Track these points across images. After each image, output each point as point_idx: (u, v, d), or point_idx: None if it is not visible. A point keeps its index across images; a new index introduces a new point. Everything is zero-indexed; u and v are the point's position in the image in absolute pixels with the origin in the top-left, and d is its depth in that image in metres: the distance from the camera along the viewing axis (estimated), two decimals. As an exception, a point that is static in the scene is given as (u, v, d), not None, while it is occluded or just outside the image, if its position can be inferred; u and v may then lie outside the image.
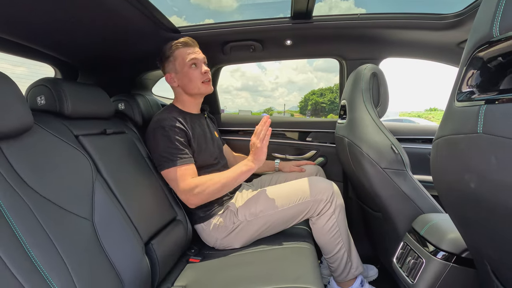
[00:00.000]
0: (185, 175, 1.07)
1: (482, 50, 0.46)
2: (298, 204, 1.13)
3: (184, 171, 1.07)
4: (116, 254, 0.76)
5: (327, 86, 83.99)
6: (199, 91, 1.20)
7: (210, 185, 1.07)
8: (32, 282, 0.55)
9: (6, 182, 0.62)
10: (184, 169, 1.08)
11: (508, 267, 0.51)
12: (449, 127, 0.54)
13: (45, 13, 0.88)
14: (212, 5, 33.62)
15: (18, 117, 0.66)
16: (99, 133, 0.96)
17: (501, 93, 0.43)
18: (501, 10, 0.42)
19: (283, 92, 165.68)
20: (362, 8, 49.05)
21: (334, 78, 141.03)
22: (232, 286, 0.88)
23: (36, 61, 1.36)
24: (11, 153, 0.66)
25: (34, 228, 0.61)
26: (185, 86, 1.19)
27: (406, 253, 0.92)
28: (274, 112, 58.82)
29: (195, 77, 1.17)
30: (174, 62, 1.18)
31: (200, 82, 1.19)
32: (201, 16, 32.40)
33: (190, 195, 1.07)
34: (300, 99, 78.99)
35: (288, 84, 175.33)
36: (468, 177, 0.49)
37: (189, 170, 1.09)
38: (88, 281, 0.65)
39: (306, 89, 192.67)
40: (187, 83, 1.18)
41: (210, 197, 1.10)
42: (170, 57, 1.18)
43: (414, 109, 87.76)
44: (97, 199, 0.79)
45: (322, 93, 63.27)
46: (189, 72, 1.17)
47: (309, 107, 63.47)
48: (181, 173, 1.07)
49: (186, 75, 1.17)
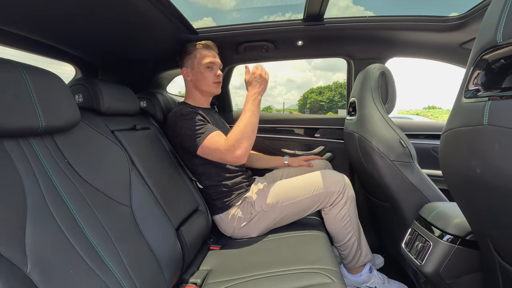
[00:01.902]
0: (220, 139, 1.14)
1: (487, 54, 0.54)
2: (312, 196, 1.21)
3: (216, 137, 1.15)
4: (153, 238, 0.84)
5: (326, 84, 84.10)
6: (209, 89, 1.32)
7: (242, 131, 1.10)
8: (90, 258, 0.63)
9: (63, 171, 0.69)
10: (215, 135, 1.16)
11: (509, 241, 0.59)
12: (457, 121, 0.61)
13: (69, 12, 0.93)
14: (210, 3, 32.69)
15: (69, 113, 0.74)
16: (130, 128, 1.03)
17: (504, 91, 0.51)
18: (503, 20, 0.50)
19: (281, 91, 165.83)
20: (369, 11, 48.76)
21: (332, 77, 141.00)
22: (254, 269, 0.95)
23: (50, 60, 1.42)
24: (64, 145, 0.73)
25: (87, 213, 0.69)
26: (197, 82, 1.31)
27: (414, 238, 1.00)
28: (273, 110, 58.90)
29: (208, 77, 1.29)
30: (193, 59, 1.29)
31: (212, 82, 1.31)
32: (199, 15, 31.44)
33: (234, 149, 1.09)
34: (298, 98, 79.08)
35: (287, 82, 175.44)
36: (474, 163, 0.57)
37: (219, 134, 1.17)
38: (133, 261, 0.73)
39: (304, 88, 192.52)
40: (200, 80, 1.30)
41: (250, 141, 1.11)
42: (191, 54, 1.29)
43: (412, 107, 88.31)
44: (134, 188, 0.87)
45: (321, 91, 63.31)
46: (204, 72, 1.29)
47: (308, 105, 63.52)
48: (216, 139, 1.14)
49: (200, 74, 1.29)
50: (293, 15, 4.10)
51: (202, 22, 28.55)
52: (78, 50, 1.34)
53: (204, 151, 1.16)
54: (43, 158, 0.66)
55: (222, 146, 1.11)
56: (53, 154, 0.69)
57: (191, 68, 1.31)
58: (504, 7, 0.50)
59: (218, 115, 1.46)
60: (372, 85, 1.22)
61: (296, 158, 1.57)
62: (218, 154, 1.13)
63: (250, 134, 1.11)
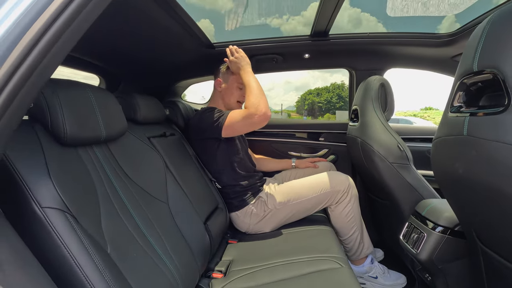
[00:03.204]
0: (240, 111, 1.26)
1: (466, 78, 0.69)
2: (320, 195, 1.35)
3: (236, 112, 1.27)
4: (186, 230, 0.97)
5: (324, 86, 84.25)
6: (231, 105, 1.47)
7: (255, 94, 1.22)
8: (145, 244, 0.76)
9: (117, 173, 0.83)
10: (234, 111, 1.28)
11: (486, 228, 0.74)
12: (444, 131, 0.76)
13: (95, 26, 1.05)
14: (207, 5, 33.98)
15: (120, 124, 0.87)
16: (160, 135, 1.17)
17: (480, 108, 0.65)
18: (478, 53, 0.64)
19: (279, 92, 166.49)
20: (366, 13, 50.31)
21: (329, 78, 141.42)
22: (271, 258, 1.09)
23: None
24: (116, 152, 0.86)
25: (138, 208, 0.82)
26: (225, 94, 1.46)
27: (411, 230, 1.14)
28: (272, 112, 59.00)
29: (236, 95, 1.46)
30: (229, 76, 1.44)
31: (236, 101, 1.47)
32: (197, 16, 33.18)
33: (258, 108, 1.18)
34: (296, 99, 79.16)
35: (285, 84, 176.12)
36: (457, 165, 0.71)
37: (237, 110, 1.31)
38: (174, 248, 0.86)
39: (302, 89, 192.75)
40: (228, 95, 1.45)
41: (265, 99, 1.22)
42: (229, 70, 1.42)
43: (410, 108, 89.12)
44: (169, 188, 1.01)
45: (319, 92, 63.55)
46: (235, 90, 1.45)
47: (306, 107, 63.72)
48: (236, 113, 1.26)
49: (230, 90, 1.45)
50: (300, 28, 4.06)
51: (200, 23, 29.31)
52: (102, 62, 1.47)
53: (229, 130, 1.26)
54: (104, 162, 0.79)
55: (245, 112, 1.21)
56: (109, 158, 0.83)
57: (225, 82, 1.46)
58: (479, 43, 0.64)
59: None
60: (372, 95, 1.36)
61: (302, 160, 1.71)
62: (245, 120, 1.22)
63: (262, 94, 1.24)
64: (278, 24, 1.67)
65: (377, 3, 1.74)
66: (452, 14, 1.43)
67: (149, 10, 1.03)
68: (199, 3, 1.62)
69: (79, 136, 0.70)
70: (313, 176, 1.41)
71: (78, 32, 0.48)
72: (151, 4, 1.00)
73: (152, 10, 1.03)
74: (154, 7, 1.02)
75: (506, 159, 0.54)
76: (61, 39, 0.44)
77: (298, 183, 1.41)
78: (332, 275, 0.92)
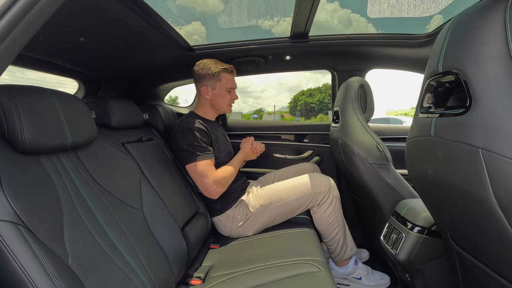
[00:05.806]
0: (211, 169, 1.27)
1: (433, 80, 0.69)
2: (301, 197, 1.34)
3: (209, 165, 1.27)
4: (162, 237, 0.95)
5: (316, 86, 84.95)
6: (223, 110, 1.46)
7: (228, 174, 1.31)
8: (114, 254, 0.74)
9: (86, 181, 0.80)
10: (209, 163, 1.27)
11: (457, 229, 0.74)
12: (415, 132, 0.76)
13: (69, 33, 1.02)
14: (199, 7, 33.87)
15: (89, 130, 0.85)
16: (137, 140, 1.15)
17: (447, 109, 0.65)
18: (442, 54, 0.64)
19: (272, 93, 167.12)
20: (356, 14, 51.53)
21: (322, 78, 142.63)
22: (251, 263, 1.08)
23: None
24: (85, 158, 0.84)
25: (108, 216, 0.80)
26: (214, 101, 1.42)
27: (391, 231, 1.14)
28: (264, 113, 59.21)
29: (226, 99, 1.42)
30: (216, 81, 1.39)
31: (227, 104, 1.44)
32: (189, 18, 33.15)
33: (217, 185, 1.26)
34: (289, 100, 79.65)
35: (278, 85, 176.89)
36: (427, 166, 0.71)
37: (212, 164, 1.29)
38: (147, 257, 0.84)
39: (295, 90, 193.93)
40: (218, 100, 1.41)
41: (228, 183, 1.33)
42: (215, 76, 1.38)
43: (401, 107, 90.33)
44: (144, 194, 0.98)
45: (311, 93, 64.00)
46: (224, 94, 1.41)
47: (299, 108, 64.10)
48: (207, 167, 1.26)
49: (220, 95, 1.41)
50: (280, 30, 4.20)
51: (191, 26, 29.24)
52: (81, 67, 1.45)
53: (192, 169, 1.27)
54: (70, 170, 0.77)
55: (211, 176, 1.25)
56: (77, 166, 0.80)
57: (212, 88, 1.39)
58: (443, 44, 0.64)
59: (221, 128, 1.57)
60: (352, 96, 1.36)
61: (245, 138, 1.59)
62: (202, 179, 1.26)
63: (232, 179, 1.35)
64: (260, 26, 1.66)
65: (360, 4, 1.74)
66: (430, 14, 1.45)
67: (124, 16, 1.01)
68: (187, 5, 1.59)
69: (40, 144, 0.68)
70: (295, 178, 1.41)
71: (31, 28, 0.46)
72: (125, 10, 0.98)
73: (126, 16, 1.01)
74: (128, 13, 1.00)
75: (466, 160, 0.54)
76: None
77: (279, 185, 1.40)
78: (310, 278, 0.91)
